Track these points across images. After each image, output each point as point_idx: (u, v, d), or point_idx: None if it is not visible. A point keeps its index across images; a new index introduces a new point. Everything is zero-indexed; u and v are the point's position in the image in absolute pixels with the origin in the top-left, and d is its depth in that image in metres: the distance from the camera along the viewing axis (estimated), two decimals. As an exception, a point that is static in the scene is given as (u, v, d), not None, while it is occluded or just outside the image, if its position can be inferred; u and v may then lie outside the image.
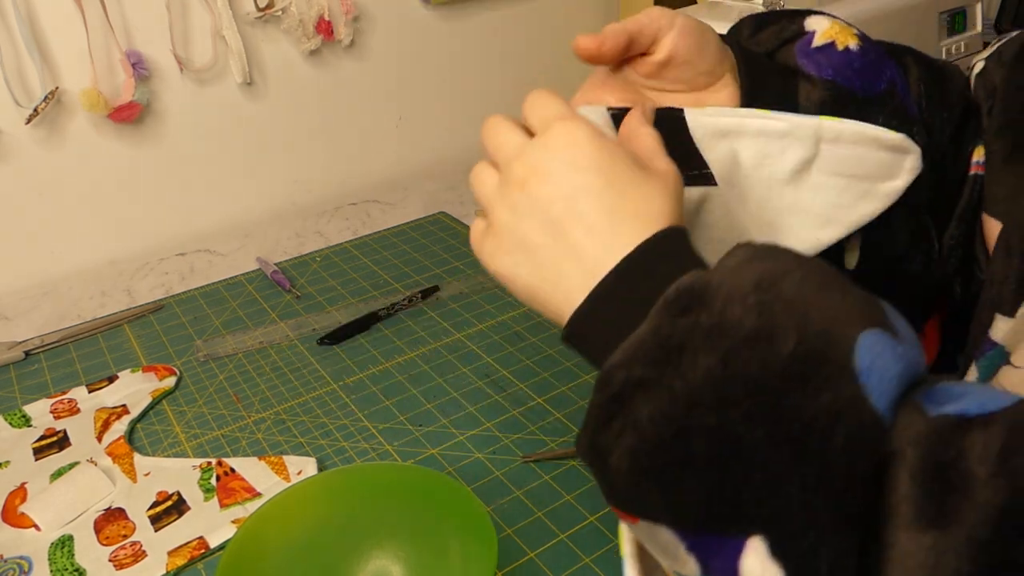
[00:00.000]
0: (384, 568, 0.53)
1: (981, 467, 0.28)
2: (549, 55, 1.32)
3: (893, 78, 0.51)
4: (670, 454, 0.31)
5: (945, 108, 0.53)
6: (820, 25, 0.51)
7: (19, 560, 0.58)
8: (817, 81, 0.49)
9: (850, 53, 0.50)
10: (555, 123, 0.40)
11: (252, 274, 0.97)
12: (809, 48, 0.50)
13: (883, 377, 0.30)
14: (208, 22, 0.99)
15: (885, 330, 0.31)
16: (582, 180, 0.38)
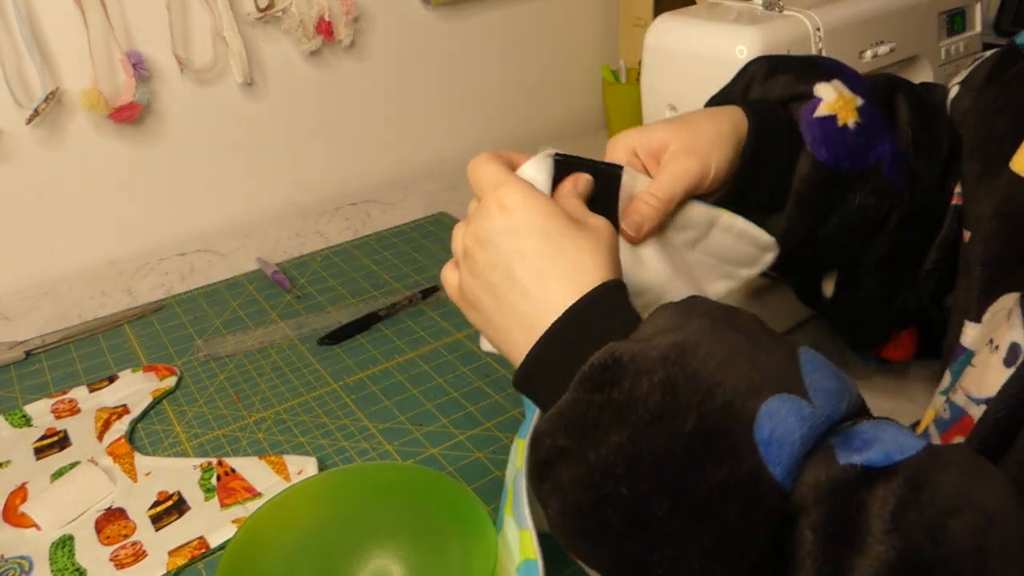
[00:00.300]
0: (384, 568, 0.53)
1: (877, 522, 0.31)
2: (549, 55, 1.32)
3: (882, 155, 0.55)
4: (590, 519, 0.35)
5: (933, 153, 0.57)
6: (827, 95, 0.55)
7: (20, 560, 0.58)
8: (809, 156, 0.54)
9: (847, 132, 0.54)
10: (489, 193, 0.44)
11: (252, 274, 0.97)
12: (812, 117, 0.54)
13: (783, 443, 0.32)
14: (208, 22, 0.99)
15: (793, 392, 0.33)
16: (516, 246, 0.41)
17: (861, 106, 0.55)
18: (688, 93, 0.76)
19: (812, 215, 0.55)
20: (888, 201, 0.55)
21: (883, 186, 0.55)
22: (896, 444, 0.34)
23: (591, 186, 0.48)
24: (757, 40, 0.70)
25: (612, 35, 1.36)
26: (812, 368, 0.35)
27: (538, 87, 1.33)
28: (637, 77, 0.84)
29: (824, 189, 0.54)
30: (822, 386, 0.35)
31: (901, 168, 0.55)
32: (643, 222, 0.49)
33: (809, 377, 0.35)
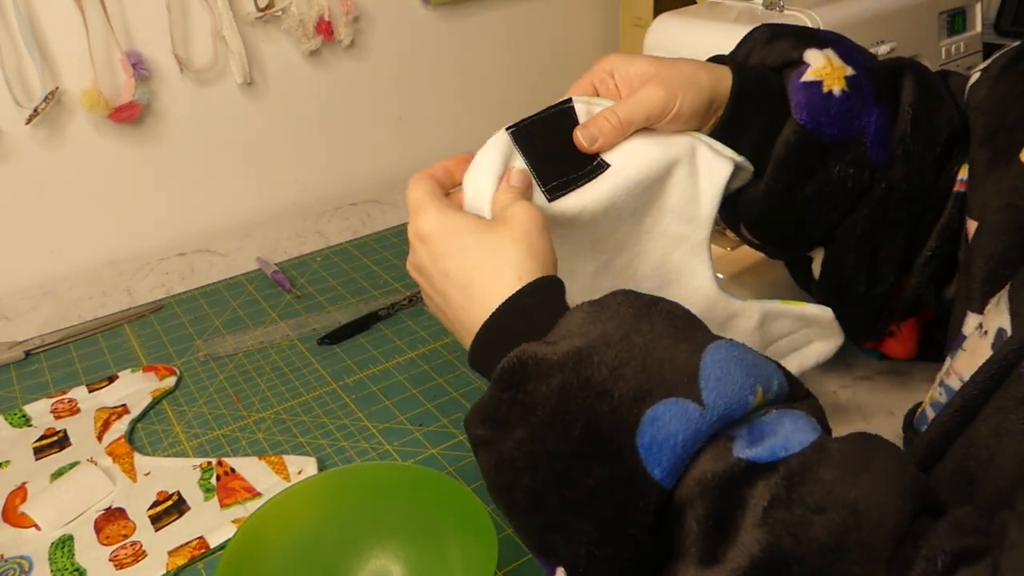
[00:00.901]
0: (384, 568, 0.53)
1: (751, 517, 0.34)
2: (549, 55, 1.32)
3: (865, 126, 0.55)
4: (503, 498, 0.40)
5: (931, 135, 0.57)
6: (815, 61, 0.55)
7: (19, 560, 0.58)
8: (792, 120, 0.55)
9: (831, 98, 0.54)
10: (410, 223, 0.50)
11: (252, 274, 0.97)
12: (798, 81, 0.55)
13: (664, 447, 0.36)
14: (208, 22, 0.99)
15: (682, 396, 0.36)
16: (440, 268, 0.47)
17: (850, 76, 0.55)
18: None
19: (790, 179, 0.55)
20: (869, 173, 0.55)
21: (864, 157, 0.55)
22: (787, 439, 0.36)
23: (525, 176, 0.51)
24: (757, 40, 0.70)
25: (612, 35, 1.36)
26: (715, 365, 0.37)
27: (538, 87, 1.33)
28: (637, 77, 0.84)
29: (803, 154, 0.55)
30: (720, 386, 0.37)
31: (886, 143, 0.55)
32: (598, 136, 0.52)
33: (707, 378, 0.37)
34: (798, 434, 0.36)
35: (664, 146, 0.53)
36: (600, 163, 0.53)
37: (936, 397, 0.49)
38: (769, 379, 0.38)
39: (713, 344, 0.38)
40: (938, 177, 0.57)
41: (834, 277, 0.60)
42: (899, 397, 0.68)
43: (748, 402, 0.37)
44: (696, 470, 0.36)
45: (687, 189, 0.54)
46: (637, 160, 0.53)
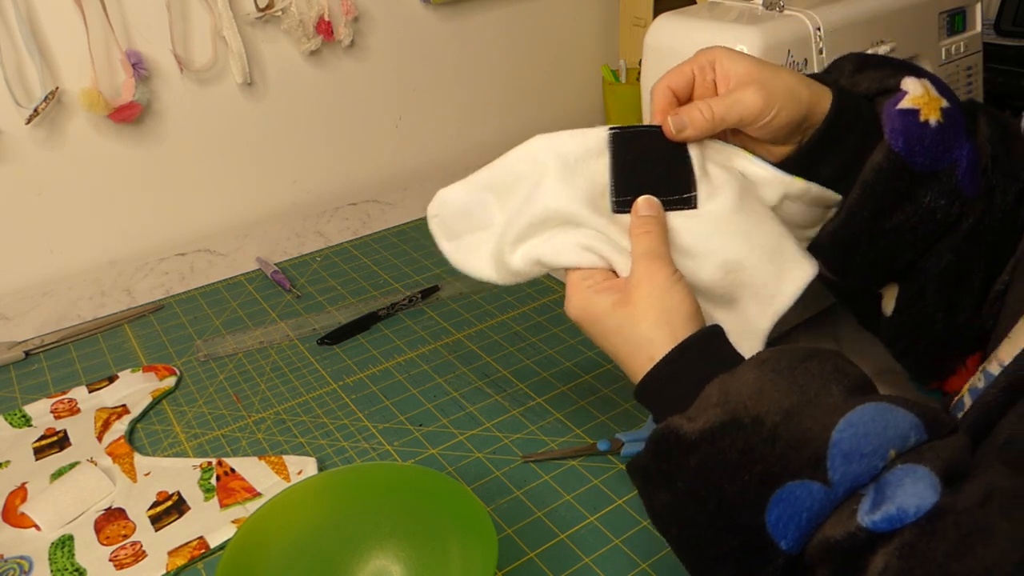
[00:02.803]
0: (384, 568, 0.53)
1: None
2: (549, 55, 1.32)
3: (957, 159, 0.53)
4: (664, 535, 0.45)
5: (1011, 172, 0.55)
6: (913, 89, 0.54)
7: (19, 560, 0.58)
8: (885, 146, 0.53)
9: (927, 128, 0.53)
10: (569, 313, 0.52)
11: (252, 274, 0.97)
12: (894, 108, 0.53)
13: (790, 523, 0.39)
14: (208, 22, 0.99)
15: (809, 478, 0.39)
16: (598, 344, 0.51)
17: (945, 108, 0.53)
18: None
19: (876, 205, 0.53)
20: (958, 206, 0.53)
21: (954, 190, 0.53)
22: (905, 504, 0.37)
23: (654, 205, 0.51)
24: (757, 40, 0.70)
25: (612, 35, 1.36)
26: (847, 441, 0.39)
27: (538, 87, 1.33)
28: (637, 77, 0.84)
29: (893, 181, 0.53)
30: (847, 463, 0.39)
31: (975, 177, 0.54)
32: (688, 125, 0.52)
33: (835, 456, 0.39)
34: (916, 499, 0.37)
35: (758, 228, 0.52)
36: (690, 198, 0.52)
37: (975, 383, 0.49)
38: (905, 438, 0.40)
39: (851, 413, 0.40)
40: (1017, 212, 0.56)
41: (911, 312, 0.58)
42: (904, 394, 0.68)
43: (877, 469, 0.39)
44: (821, 534, 0.39)
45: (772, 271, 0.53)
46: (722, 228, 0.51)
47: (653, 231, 0.50)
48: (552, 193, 0.51)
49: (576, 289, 0.50)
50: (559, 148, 0.52)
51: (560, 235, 0.51)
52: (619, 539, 0.57)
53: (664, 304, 0.47)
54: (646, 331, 0.47)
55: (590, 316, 0.49)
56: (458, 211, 0.55)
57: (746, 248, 0.51)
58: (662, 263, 0.49)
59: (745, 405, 0.42)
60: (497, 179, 0.54)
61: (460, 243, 0.55)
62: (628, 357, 0.48)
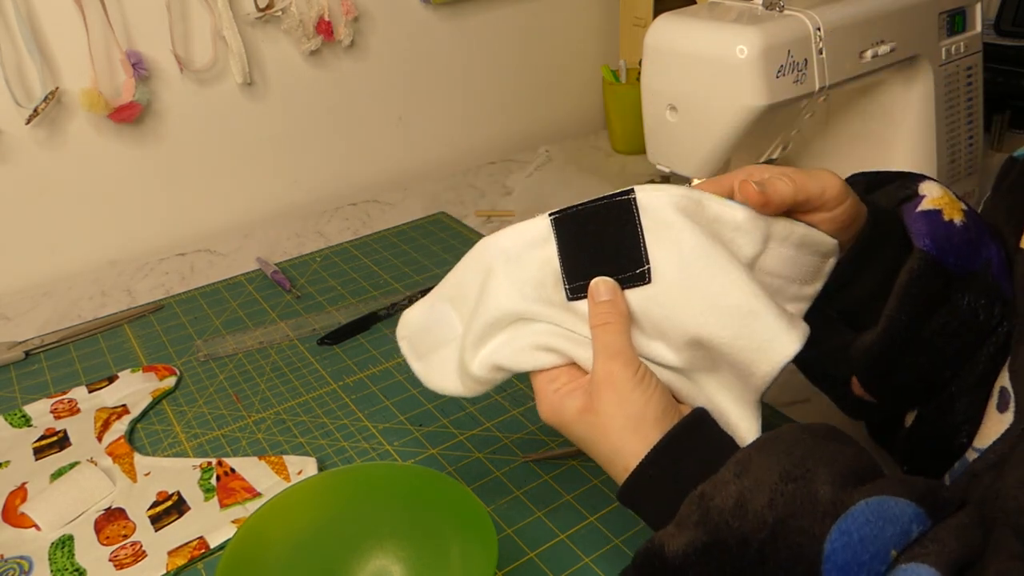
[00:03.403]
0: (384, 568, 0.53)
1: None
2: (549, 55, 1.32)
3: (989, 257, 0.51)
4: None
5: None
6: (932, 192, 0.52)
7: (19, 560, 0.58)
8: (916, 250, 0.50)
9: (952, 227, 0.50)
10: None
11: (252, 274, 0.97)
12: (916, 211, 0.51)
13: None
14: (208, 22, 0.99)
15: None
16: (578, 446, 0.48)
17: (966, 210, 0.52)
18: (688, 93, 0.76)
19: (914, 310, 0.50)
20: (1000, 307, 0.50)
21: (992, 287, 0.50)
22: None
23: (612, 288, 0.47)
24: (757, 40, 0.70)
25: (612, 35, 1.36)
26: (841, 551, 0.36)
27: (538, 87, 1.33)
28: (637, 77, 0.84)
29: (928, 282, 0.49)
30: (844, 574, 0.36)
31: (1008, 277, 0.51)
32: (774, 194, 0.46)
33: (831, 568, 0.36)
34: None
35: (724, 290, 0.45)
36: (643, 273, 0.46)
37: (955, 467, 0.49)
38: (906, 534, 0.37)
39: (842, 519, 0.37)
40: None
41: (935, 423, 0.54)
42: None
43: (880, 573, 0.36)
44: None
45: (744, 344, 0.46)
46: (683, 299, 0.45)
47: (612, 322, 0.46)
48: (500, 292, 0.48)
49: (543, 394, 0.47)
50: (500, 245, 0.49)
51: (515, 337, 0.48)
52: (619, 539, 0.57)
53: (628, 411, 0.44)
54: (615, 441, 0.45)
55: (561, 422, 0.47)
56: (421, 329, 0.53)
57: (713, 318, 0.45)
58: (622, 363, 0.45)
59: (728, 523, 0.39)
60: (450, 288, 0.52)
61: (428, 362, 0.52)
62: (605, 465, 0.46)
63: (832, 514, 0.37)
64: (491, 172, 1.23)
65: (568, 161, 1.25)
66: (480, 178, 1.21)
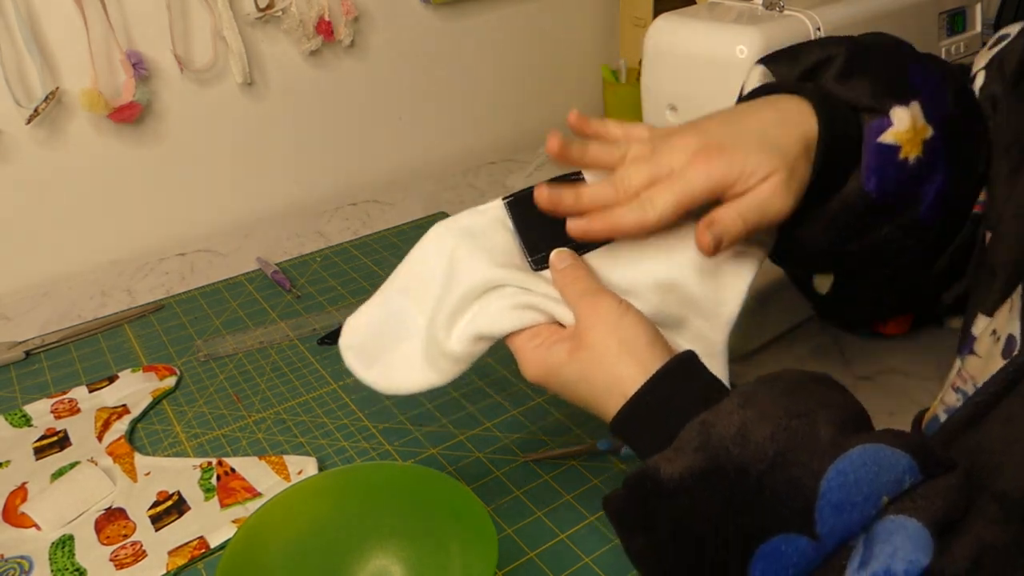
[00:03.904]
0: (384, 568, 0.53)
1: None
2: (549, 55, 1.32)
3: (925, 193, 0.51)
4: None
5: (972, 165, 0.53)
6: (900, 122, 0.50)
7: (19, 560, 0.58)
8: (858, 182, 0.50)
9: (905, 166, 0.50)
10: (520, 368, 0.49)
11: (252, 274, 0.97)
12: (875, 140, 0.50)
13: None
14: (208, 22, 0.99)
15: (796, 531, 0.37)
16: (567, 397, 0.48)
17: (929, 138, 0.50)
18: (688, 93, 0.76)
19: (836, 235, 0.52)
20: (914, 237, 0.53)
21: (914, 223, 0.52)
22: (896, 567, 0.35)
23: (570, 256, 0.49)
24: (757, 40, 0.70)
25: (612, 35, 1.36)
26: (837, 489, 0.37)
27: (538, 87, 1.33)
28: (637, 77, 0.84)
29: (859, 217, 0.51)
30: (837, 514, 0.37)
31: (937, 208, 0.52)
32: (723, 237, 0.47)
33: (823, 507, 0.37)
34: (904, 563, 0.35)
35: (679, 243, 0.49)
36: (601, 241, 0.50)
37: (950, 403, 0.48)
38: (899, 482, 0.37)
39: (840, 460, 0.37)
40: (968, 209, 0.55)
41: (840, 302, 0.59)
42: (899, 397, 0.68)
43: (870, 518, 0.37)
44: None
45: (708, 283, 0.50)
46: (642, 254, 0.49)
47: (580, 276, 0.48)
48: (472, 262, 0.49)
49: (525, 351, 0.48)
50: (460, 225, 0.50)
51: (492, 303, 0.48)
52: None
53: (620, 336, 0.45)
54: (611, 368, 0.45)
55: (549, 371, 0.47)
56: (372, 332, 0.51)
57: (674, 267, 0.49)
58: (603, 296, 0.46)
59: (728, 450, 0.39)
60: (406, 280, 0.52)
61: (386, 364, 0.51)
62: (599, 401, 0.45)
63: (831, 454, 0.38)
64: (491, 172, 1.23)
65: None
66: (480, 178, 1.21)
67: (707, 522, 0.39)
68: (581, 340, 0.46)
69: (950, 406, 0.48)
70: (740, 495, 0.38)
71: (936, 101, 0.51)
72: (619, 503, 0.43)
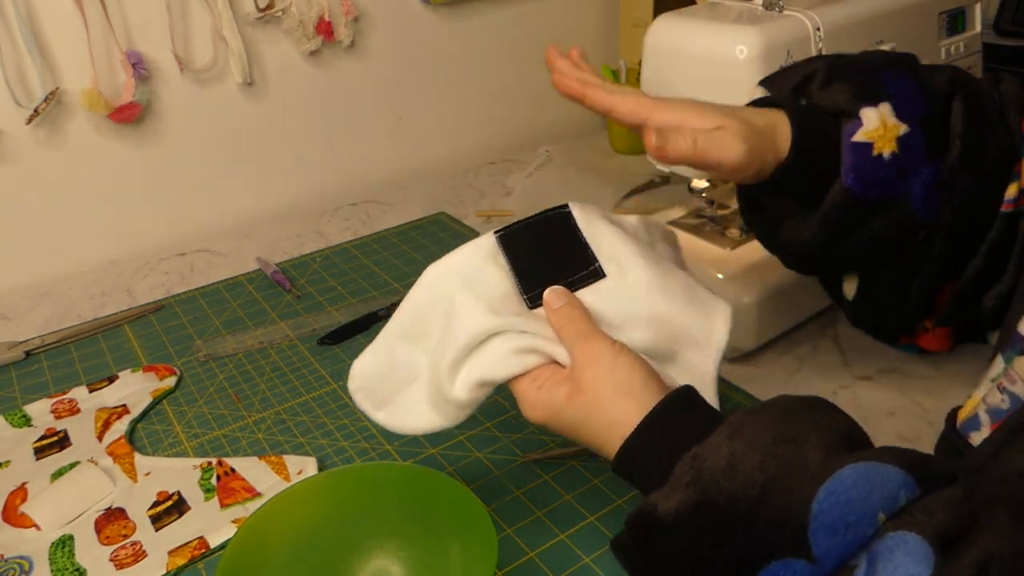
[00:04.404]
0: (384, 568, 0.53)
1: None
2: (549, 55, 1.32)
3: (911, 186, 0.54)
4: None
5: (980, 167, 0.56)
6: (868, 122, 0.54)
7: (19, 560, 0.58)
8: (839, 182, 0.54)
9: (879, 162, 0.54)
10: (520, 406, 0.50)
11: (252, 274, 0.97)
12: (849, 141, 0.54)
13: None
14: (208, 22, 0.99)
15: (791, 556, 0.37)
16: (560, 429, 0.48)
17: (903, 135, 0.54)
18: (688, 93, 0.76)
19: (832, 232, 0.56)
20: (911, 228, 0.55)
21: (908, 215, 0.55)
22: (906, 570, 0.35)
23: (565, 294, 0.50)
24: (757, 40, 0.70)
25: (612, 35, 1.36)
26: (830, 510, 0.37)
27: (538, 87, 1.33)
28: (637, 77, 0.84)
29: (846, 214, 0.55)
30: (832, 535, 0.37)
31: (931, 200, 0.55)
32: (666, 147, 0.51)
33: (817, 529, 0.37)
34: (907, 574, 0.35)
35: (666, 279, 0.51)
36: (596, 270, 0.51)
37: (995, 403, 0.48)
38: (894, 499, 0.37)
39: (831, 480, 0.38)
40: (986, 205, 0.57)
41: (868, 301, 0.61)
42: (900, 397, 0.68)
43: (867, 537, 0.37)
44: None
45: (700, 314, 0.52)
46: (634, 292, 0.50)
47: (575, 318, 0.49)
48: (469, 314, 0.49)
49: (528, 394, 0.48)
50: (452, 267, 0.51)
51: (492, 348, 0.48)
52: (619, 539, 0.57)
53: (616, 378, 0.46)
54: (608, 411, 0.45)
55: (551, 415, 0.47)
56: (379, 376, 0.52)
57: (665, 301, 0.50)
58: (597, 339, 0.47)
59: (718, 483, 0.40)
60: (406, 325, 0.52)
61: (394, 407, 0.52)
62: (600, 442, 0.46)
63: (820, 477, 0.38)
64: (491, 172, 1.23)
65: (568, 161, 1.25)
66: (480, 178, 1.21)
67: (705, 555, 0.39)
68: (578, 384, 0.47)
69: (994, 406, 0.48)
70: (733, 525, 0.39)
71: (910, 97, 0.55)
72: (623, 542, 0.44)
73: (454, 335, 0.49)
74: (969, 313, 0.60)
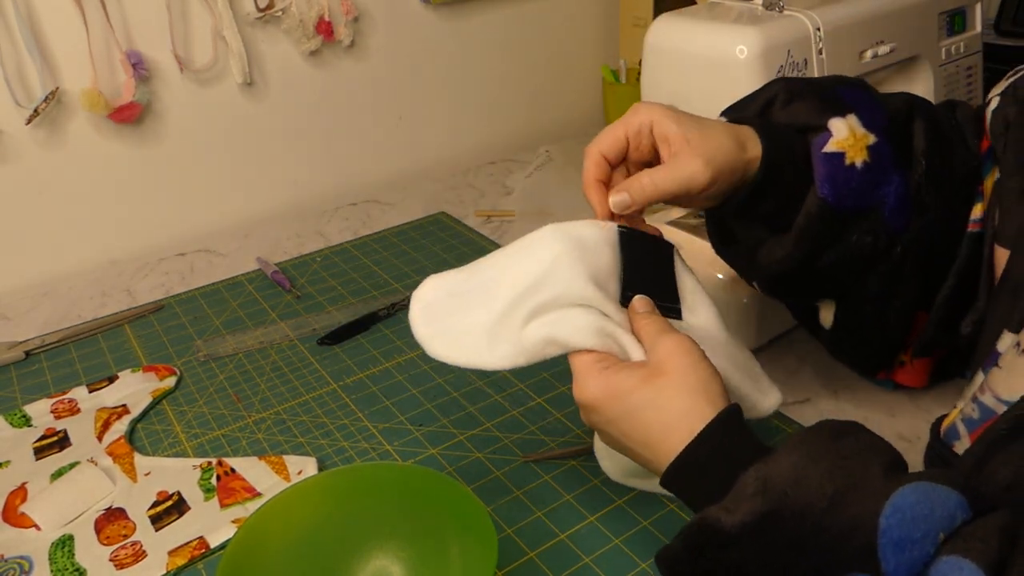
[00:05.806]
0: (384, 568, 0.53)
1: None
2: (549, 55, 1.32)
3: (884, 195, 0.55)
4: None
5: (945, 185, 0.57)
6: (838, 132, 0.55)
7: (19, 560, 0.58)
8: (814, 193, 0.55)
9: (852, 171, 0.54)
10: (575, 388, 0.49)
11: (252, 274, 0.97)
12: (821, 152, 0.55)
13: None
14: (208, 22, 0.99)
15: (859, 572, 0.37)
16: (616, 430, 0.48)
17: (872, 144, 0.55)
18: (688, 93, 0.76)
19: (810, 248, 0.56)
20: (886, 240, 0.56)
21: (882, 225, 0.55)
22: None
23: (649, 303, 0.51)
24: (757, 40, 0.70)
25: (612, 35, 1.36)
26: (896, 527, 0.37)
27: (538, 87, 1.33)
28: (637, 77, 0.84)
29: (823, 226, 0.55)
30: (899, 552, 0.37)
31: (903, 210, 0.56)
32: (631, 203, 0.52)
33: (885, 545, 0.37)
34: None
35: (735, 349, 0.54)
36: (678, 310, 0.53)
37: (968, 413, 0.49)
38: (952, 519, 0.37)
39: (895, 496, 0.38)
40: (954, 224, 0.57)
41: (846, 328, 0.61)
42: (898, 398, 0.68)
43: (929, 554, 0.37)
44: None
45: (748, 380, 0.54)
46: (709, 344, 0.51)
47: (658, 320, 0.50)
48: (570, 276, 0.49)
49: (590, 371, 0.48)
50: (576, 232, 0.51)
51: (575, 317, 0.49)
52: (619, 539, 0.57)
53: (699, 374, 0.46)
54: (687, 400, 0.45)
55: (613, 395, 0.47)
56: (450, 293, 0.52)
57: (729, 364, 0.51)
58: (686, 337, 0.47)
59: (786, 494, 0.39)
60: (501, 265, 0.53)
61: (443, 328, 0.51)
62: (662, 432, 0.45)
63: (885, 492, 0.38)
64: (491, 172, 1.23)
65: (568, 161, 1.25)
66: (480, 178, 1.21)
67: (772, 568, 0.39)
68: (660, 368, 0.46)
69: (969, 416, 0.49)
70: (803, 538, 0.38)
71: (873, 109, 0.56)
72: (674, 555, 0.43)
73: (548, 286, 0.49)
74: (946, 341, 0.61)
